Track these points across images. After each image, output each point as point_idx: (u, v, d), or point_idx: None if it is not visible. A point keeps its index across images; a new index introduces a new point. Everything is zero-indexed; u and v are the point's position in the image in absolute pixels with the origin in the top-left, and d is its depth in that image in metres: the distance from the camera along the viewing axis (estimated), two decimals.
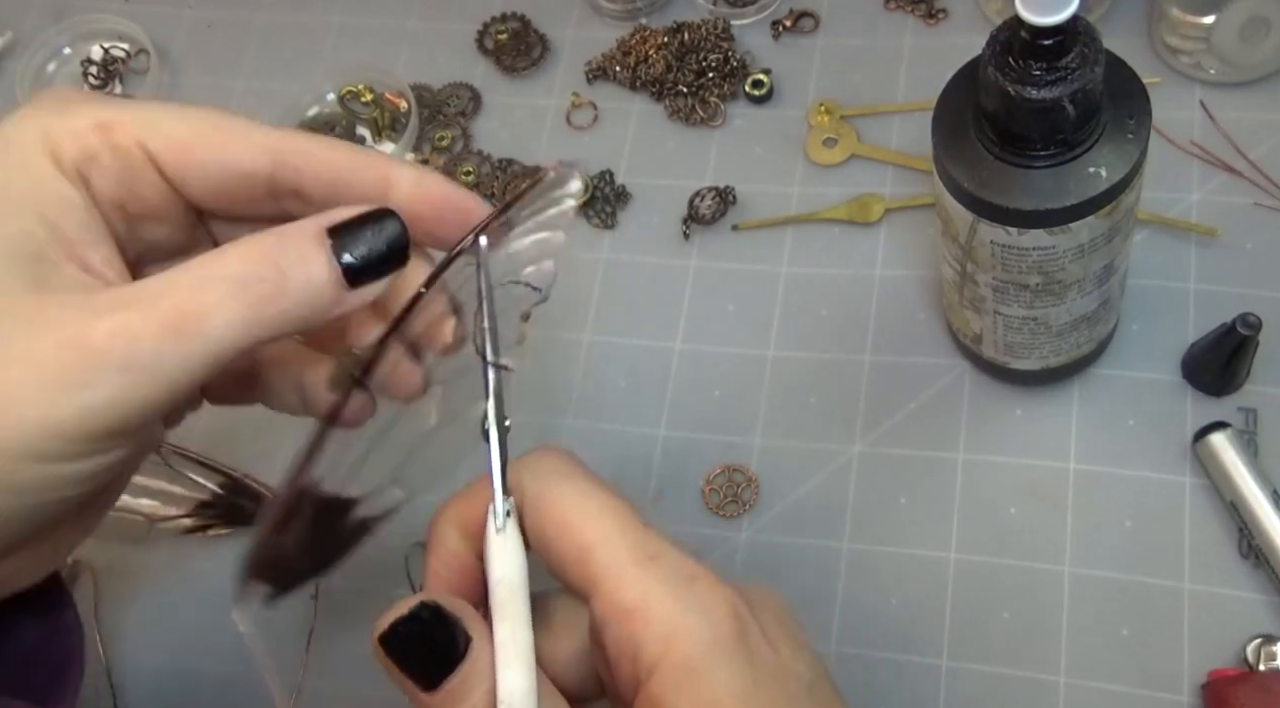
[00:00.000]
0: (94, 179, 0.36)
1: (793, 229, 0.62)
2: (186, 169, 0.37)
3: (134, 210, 0.37)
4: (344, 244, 0.35)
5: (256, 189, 0.37)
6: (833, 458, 0.57)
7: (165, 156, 0.36)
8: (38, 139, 0.35)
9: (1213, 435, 0.52)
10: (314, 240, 0.35)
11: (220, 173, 0.37)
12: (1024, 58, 0.41)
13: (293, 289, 0.34)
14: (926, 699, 0.52)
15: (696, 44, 0.67)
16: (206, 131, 0.37)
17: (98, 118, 0.36)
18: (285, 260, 0.34)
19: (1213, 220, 0.57)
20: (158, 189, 0.37)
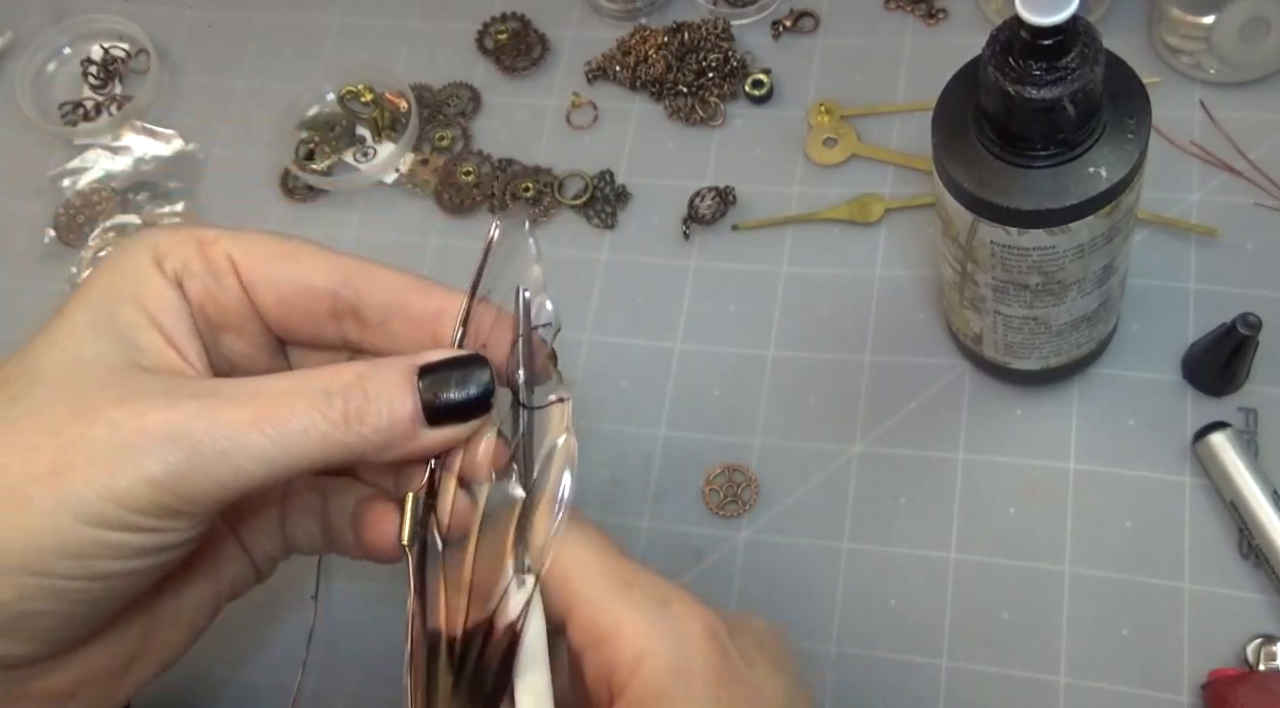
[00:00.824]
0: (186, 283, 0.39)
1: (793, 229, 0.62)
2: (260, 277, 0.39)
3: (215, 318, 0.40)
4: (432, 384, 0.37)
5: (319, 304, 0.40)
6: (833, 458, 0.57)
7: (245, 265, 0.39)
8: (147, 250, 0.39)
9: (1213, 435, 0.52)
10: (404, 375, 0.37)
11: (289, 283, 0.40)
12: (1024, 58, 0.41)
13: (374, 416, 0.36)
14: (926, 699, 0.52)
15: (696, 44, 0.67)
16: (283, 247, 0.40)
17: (199, 235, 0.39)
18: (373, 388, 0.36)
19: (1213, 220, 0.57)
20: (235, 296, 0.40)
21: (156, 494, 0.34)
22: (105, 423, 0.34)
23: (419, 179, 0.67)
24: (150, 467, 0.33)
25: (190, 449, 0.34)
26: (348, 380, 0.36)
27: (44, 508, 0.33)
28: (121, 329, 0.37)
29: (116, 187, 0.71)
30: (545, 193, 0.65)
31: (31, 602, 0.34)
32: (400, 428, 0.36)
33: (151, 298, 0.38)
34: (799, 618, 0.54)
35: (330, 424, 0.35)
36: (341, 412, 0.35)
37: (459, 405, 0.37)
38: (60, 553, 0.34)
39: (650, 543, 0.56)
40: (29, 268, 0.70)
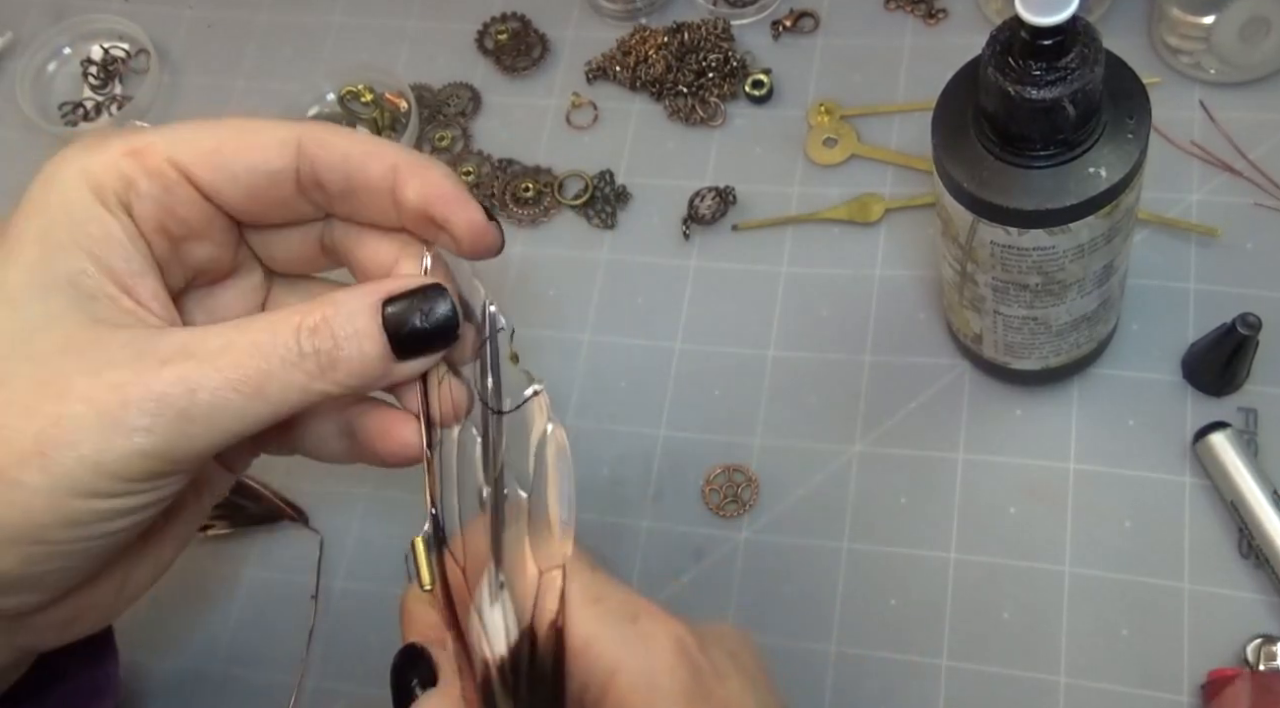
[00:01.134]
0: (135, 206, 0.37)
1: (793, 229, 0.62)
2: (218, 176, 0.38)
3: (176, 231, 0.38)
4: (395, 318, 0.37)
5: (285, 187, 0.38)
6: (833, 458, 0.57)
7: (196, 168, 0.37)
8: (77, 177, 0.36)
9: (1213, 435, 0.52)
10: (369, 313, 0.37)
11: (249, 174, 0.38)
12: (1024, 58, 0.41)
13: (346, 360, 0.36)
14: (926, 699, 0.52)
15: (696, 44, 0.67)
16: (231, 136, 0.38)
17: (129, 146, 0.37)
18: (341, 332, 0.36)
19: (1213, 220, 0.57)
20: (195, 205, 0.38)
21: (147, 463, 0.34)
22: (81, 399, 0.34)
23: None
24: (138, 440, 0.34)
25: (173, 418, 0.34)
26: (315, 324, 0.36)
27: (36, 488, 0.33)
28: (67, 280, 0.35)
29: None
30: (545, 193, 0.65)
31: (35, 565, 0.35)
32: (373, 368, 0.37)
33: (95, 238, 0.36)
34: (799, 618, 0.54)
35: (306, 376, 0.36)
36: (315, 362, 0.36)
37: (426, 336, 0.37)
38: (58, 524, 0.34)
39: (650, 543, 0.56)
40: None
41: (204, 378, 0.34)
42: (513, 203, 0.65)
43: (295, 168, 0.38)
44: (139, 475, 0.34)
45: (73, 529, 0.35)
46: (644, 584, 0.56)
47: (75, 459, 0.33)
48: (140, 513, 0.36)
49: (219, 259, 0.40)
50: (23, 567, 0.35)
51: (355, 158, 0.38)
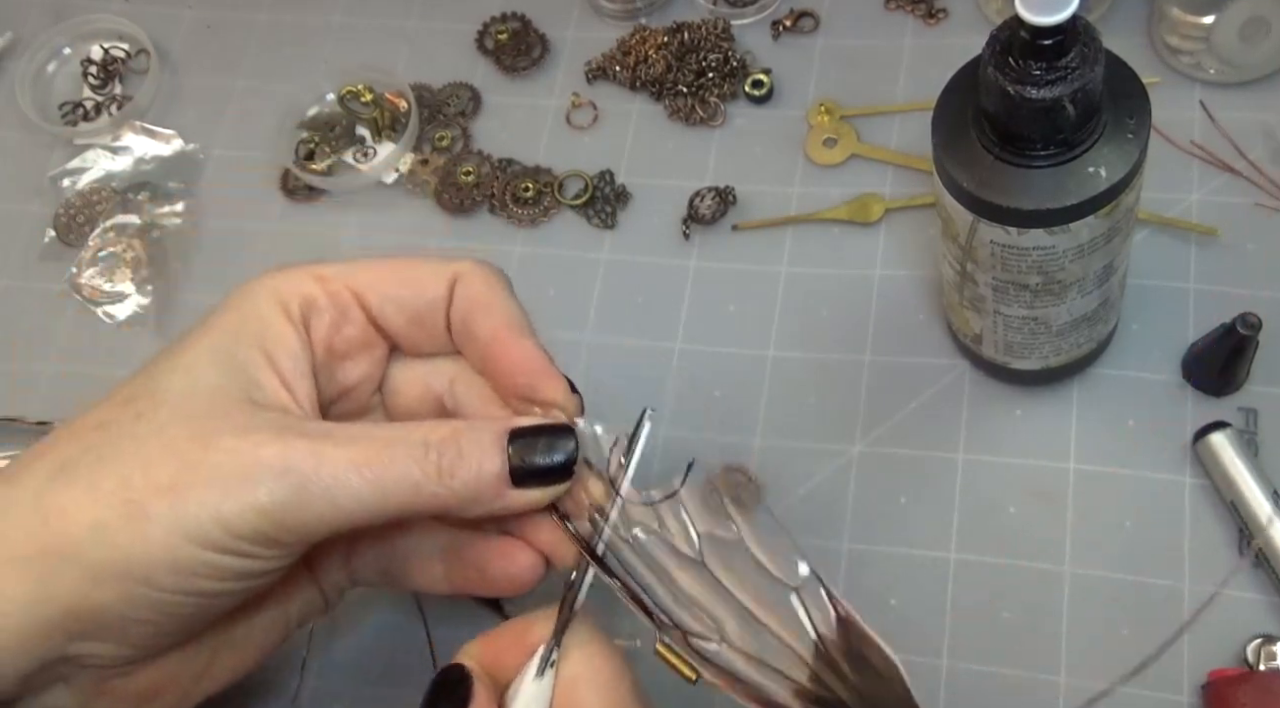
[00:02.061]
0: (313, 321, 0.42)
1: (793, 229, 0.62)
2: (385, 302, 0.43)
3: (340, 348, 0.43)
4: (520, 448, 0.40)
5: (439, 315, 0.43)
6: (833, 458, 0.57)
7: (368, 293, 0.43)
8: (268, 292, 0.42)
9: (1213, 435, 0.52)
10: (495, 436, 0.40)
11: (413, 300, 0.43)
12: (1024, 58, 0.41)
13: (464, 471, 0.39)
14: (926, 699, 0.52)
15: (696, 44, 0.67)
16: (400, 269, 0.44)
17: (315, 272, 0.43)
18: (466, 444, 0.39)
19: (1213, 220, 0.57)
20: (360, 326, 0.43)
21: (261, 522, 0.37)
22: (223, 450, 0.37)
23: (419, 179, 0.67)
24: (259, 496, 0.36)
25: (297, 484, 0.37)
26: (444, 435, 0.39)
27: (160, 523, 0.36)
28: (240, 365, 0.40)
29: (116, 186, 0.71)
30: (545, 193, 0.65)
31: (133, 609, 0.37)
32: (488, 485, 0.39)
33: (271, 339, 0.41)
34: None
35: (424, 475, 0.38)
36: (436, 464, 0.38)
37: (544, 470, 0.40)
38: (168, 568, 0.36)
39: None
40: (29, 268, 0.70)
41: (333, 454, 0.37)
42: (513, 203, 0.65)
43: (446, 297, 0.43)
44: (250, 534, 0.37)
45: (179, 577, 0.37)
46: None
47: (199, 503, 0.36)
48: (239, 581, 0.38)
49: (366, 383, 0.45)
50: (120, 605, 0.37)
51: (501, 329, 0.43)
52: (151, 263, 0.68)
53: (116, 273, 0.68)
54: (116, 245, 0.68)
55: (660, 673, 0.42)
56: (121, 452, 0.37)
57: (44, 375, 0.66)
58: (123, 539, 0.36)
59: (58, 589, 0.36)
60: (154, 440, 0.37)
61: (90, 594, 0.36)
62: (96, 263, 0.68)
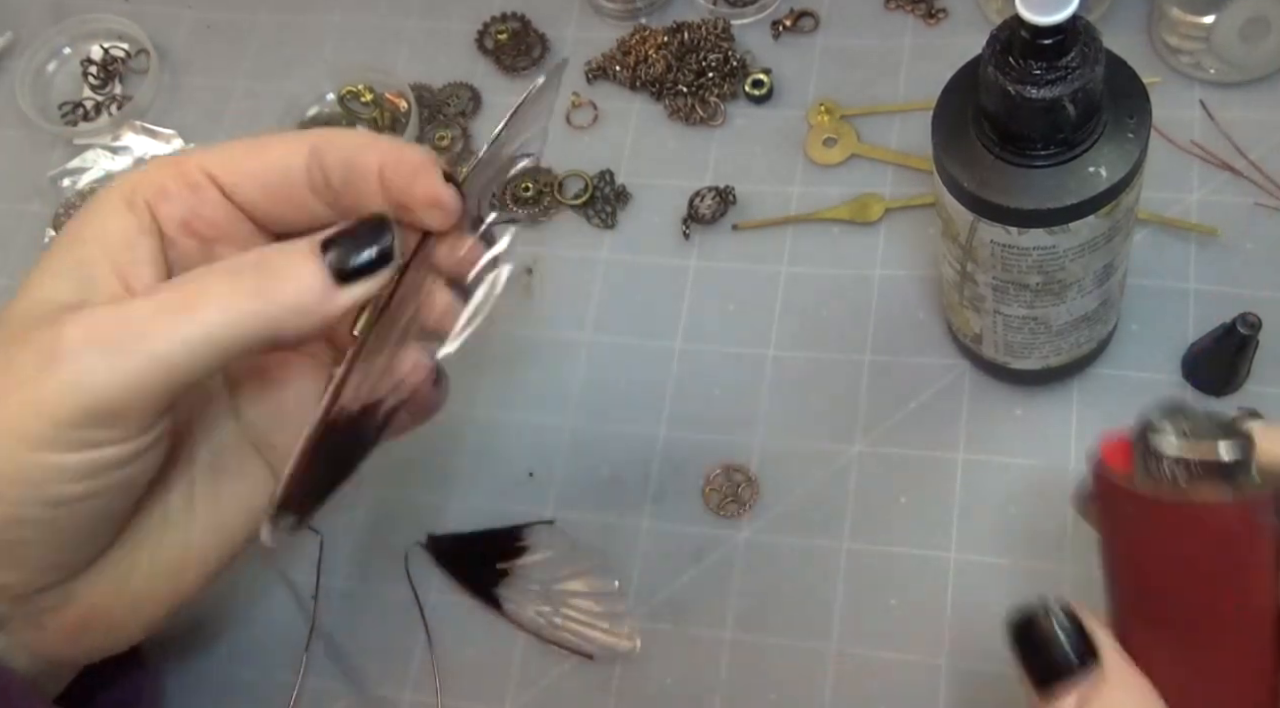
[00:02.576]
0: (162, 207, 0.40)
1: (793, 229, 0.62)
2: (238, 176, 0.41)
3: (204, 232, 0.41)
4: (333, 247, 0.38)
5: (298, 184, 0.41)
6: (833, 458, 0.57)
7: (220, 171, 0.41)
8: (115, 188, 0.40)
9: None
10: (306, 246, 0.38)
11: (264, 171, 0.41)
12: (1024, 57, 0.41)
13: (284, 283, 0.37)
14: (926, 699, 0.52)
15: (696, 44, 0.67)
16: (252, 144, 0.41)
17: (171, 158, 0.41)
18: (279, 260, 0.37)
19: (1213, 220, 0.57)
20: (220, 206, 0.41)
21: (85, 400, 0.34)
22: (30, 346, 0.35)
23: None
24: (70, 374, 0.34)
25: (108, 348, 0.34)
26: (253, 257, 0.37)
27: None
28: (74, 269, 0.38)
29: None
30: (545, 193, 0.65)
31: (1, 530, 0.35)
32: (310, 290, 0.37)
33: (107, 232, 0.39)
34: (799, 618, 0.54)
35: (242, 296, 0.36)
36: (251, 282, 0.36)
37: (363, 261, 0.38)
38: (11, 480, 0.35)
39: (650, 543, 0.56)
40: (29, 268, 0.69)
41: (138, 306, 0.35)
42: (513, 203, 0.65)
43: (306, 166, 0.40)
44: (79, 417, 0.34)
45: (24, 488, 0.35)
46: (644, 584, 0.56)
47: (17, 404, 0.34)
48: (101, 476, 0.36)
49: None
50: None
51: (352, 149, 0.40)
52: None
53: None
54: None
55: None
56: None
57: None
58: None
59: None
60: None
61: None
62: None
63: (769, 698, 0.53)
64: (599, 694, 0.54)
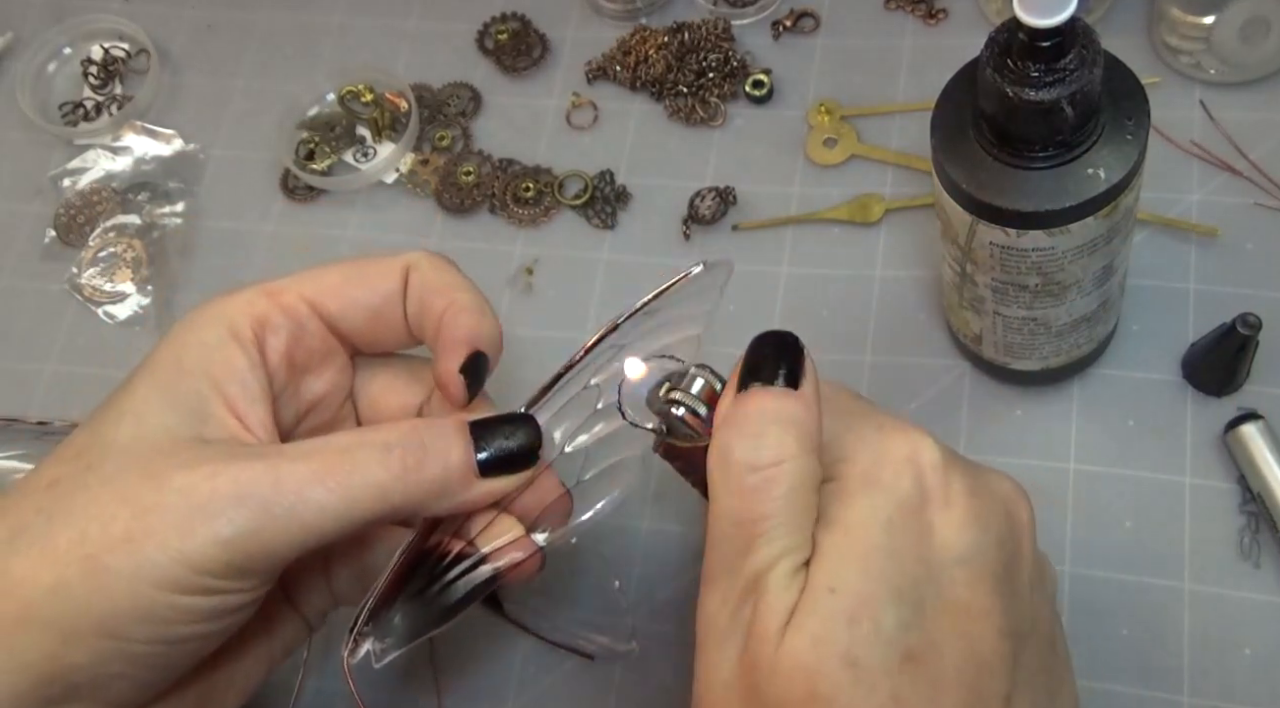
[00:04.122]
0: (268, 340, 0.41)
1: (793, 229, 0.62)
2: (344, 307, 0.42)
3: (301, 361, 0.42)
4: (481, 438, 0.39)
5: (397, 310, 0.42)
6: None
7: (326, 301, 0.42)
8: (211, 317, 0.40)
9: (1244, 426, 0.52)
10: (456, 427, 0.39)
11: (369, 299, 0.42)
12: (1022, 59, 0.41)
13: (431, 466, 0.38)
14: None
15: (696, 44, 0.67)
16: (351, 270, 0.43)
17: (265, 288, 0.41)
18: (429, 439, 0.38)
19: (1213, 220, 0.57)
20: (320, 335, 0.42)
21: (228, 555, 0.35)
22: (174, 489, 0.35)
23: (419, 179, 0.67)
24: (220, 528, 0.35)
25: (257, 508, 0.35)
26: (404, 432, 0.38)
27: (121, 574, 0.35)
28: (185, 400, 0.38)
29: (116, 187, 0.71)
30: (545, 193, 0.65)
31: (106, 665, 0.36)
32: (456, 476, 0.39)
33: (217, 367, 0.39)
34: None
35: (390, 475, 0.37)
36: (400, 462, 0.37)
37: (509, 457, 0.40)
38: (137, 618, 0.35)
39: (650, 543, 0.56)
40: (29, 268, 0.70)
41: (290, 470, 0.36)
42: (513, 203, 0.65)
43: (400, 289, 0.42)
44: (218, 569, 0.35)
45: (149, 626, 0.35)
46: (644, 584, 0.56)
47: (159, 546, 0.35)
48: (215, 621, 0.37)
49: (329, 397, 0.44)
50: (94, 664, 0.36)
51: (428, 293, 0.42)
52: (151, 263, 0.68)
53: (116, 273, 0.68)
54: (116, 245, 0.68)
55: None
56: (73, 508, 0.36)
57: (44, 375, 0.66)
58: (85, 596, 0.35)
59: (28, 658, 0.35)
60: (105, 491, 0.36)
61: (61, 657, 0.35)
62: (97, 263, 0.68)
63: None
64: (599, 694, 0.54)
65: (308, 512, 0.36)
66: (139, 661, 0.36)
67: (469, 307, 0.42)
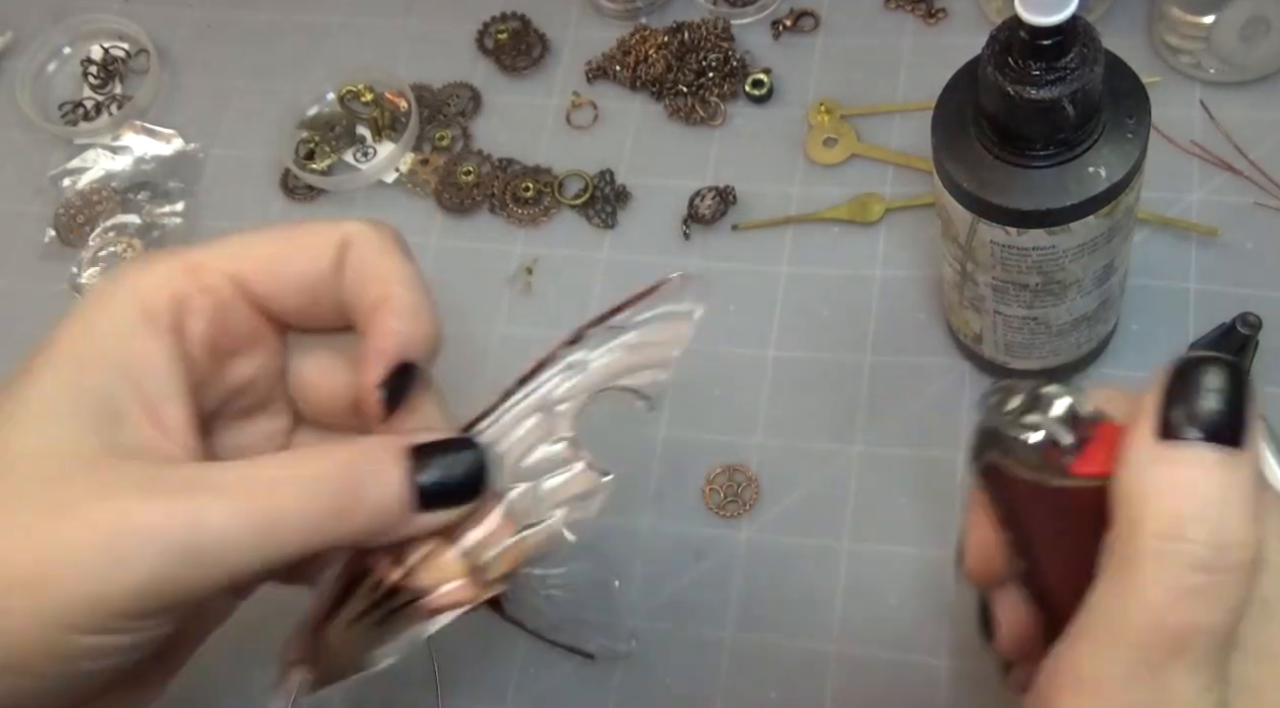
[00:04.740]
0: (188, 324, 0.36)
1: (793, 229, 0.62)
2: (276, 286, 0.38)
3: (224, 345, 0.37)
4: (422, 468, 0.36)
5: (331, 286, 0.38)
6: (833, 458, 0.57)
7: (253, 277, 0.37)
8: (128, 294, 0.36)
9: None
10: (393, 458, 0.35)
11: (302, 277, 0.38)
12: (1023, 58, 0.41)
13: (366, 505, 0.35)
14: (926, 699, 0.52)
15: (696, 44, 0.67)
16: (280, 242, 0.38)
17: (187, 261, 0.36)
18: (362, 474, 0.35)
19: (1213, 220, 0.57)
20: (246, 316, 0.38)
21: (140, 601, 0.32)
22: (85, 524, 0.32)
23: (419, 179, 0.67)
24: (136, 573, 0.32)
25: (175, 552, 0.32)
26: (336, 465, 0.35)
27: (24, 618, 0.32)
28: (95, 400, 0.34)
29: (116, 187, 0.71)
30: (545, 193, 0.65)
31: (14, 699, 0.33)
32: (390, 517, 0.35)
33: (132, 360, 0.35)
34: (799, 618, 0.54)
35: (320, 513, 0.34)
36: (331, 505, 0.34)
37: (452, 489, 0.36)
38: (44, 658, 0.32)
39: (650, 543, 0.56)
40: (29, 268, 0.70)
41: (212, 513, 0.33)
42: (513, 203, 0.65)
43: (334, 263, 0.38)
44: (134, 613, 0.32)
45: (59, 664, 0.33)
46: (644, 585, 0.56)
47: (67, 593, 0.32)
48: (131, 653, 0.34)
49: (258, 381, 0.39)
50: (3, 698, 0.33)
51: (362, 280, 0.37)
52: None
53: None
54: (116, 245, 0.68)
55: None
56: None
57: None
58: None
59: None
60: (4, 518, 0.32)
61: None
62: (97, 263, 0.68)
63: (769, 698, 0.53)
64: (599, 694, 0.54)
65: (228, 555, 0.33)
66: (49, 692, 0.34)
67: (403, 308, 0.37)
